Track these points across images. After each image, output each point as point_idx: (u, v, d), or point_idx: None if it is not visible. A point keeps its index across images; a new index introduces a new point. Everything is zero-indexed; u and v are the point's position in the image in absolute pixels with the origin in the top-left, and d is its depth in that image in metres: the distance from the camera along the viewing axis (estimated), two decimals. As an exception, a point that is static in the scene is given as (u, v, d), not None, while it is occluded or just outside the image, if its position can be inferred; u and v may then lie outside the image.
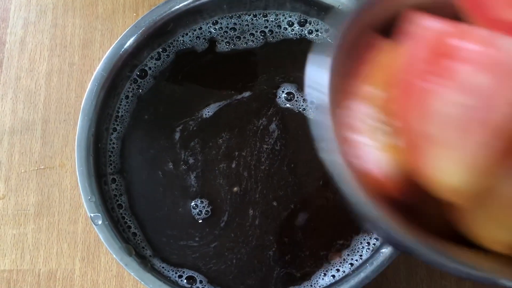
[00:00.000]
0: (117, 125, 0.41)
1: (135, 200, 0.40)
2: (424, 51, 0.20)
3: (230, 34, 0.42)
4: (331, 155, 0.21)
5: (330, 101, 0.22)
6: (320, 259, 0.38)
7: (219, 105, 0.41)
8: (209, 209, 0.39)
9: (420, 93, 0.20)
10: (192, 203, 0.39)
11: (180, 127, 0.40)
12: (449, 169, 0.20)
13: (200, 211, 0.39)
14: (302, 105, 0.40)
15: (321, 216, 0.39)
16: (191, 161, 0.40)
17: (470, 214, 0.23)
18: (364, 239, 0.38)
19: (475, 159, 0.20)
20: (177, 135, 0.40)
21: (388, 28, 0.24)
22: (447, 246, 0.23)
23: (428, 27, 0.20)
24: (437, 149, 0.20)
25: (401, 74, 0.21)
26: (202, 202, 0.39)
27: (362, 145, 0.22)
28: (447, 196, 0.21)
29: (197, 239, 0.38)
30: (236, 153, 0.40)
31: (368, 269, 0.36)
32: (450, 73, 0.19)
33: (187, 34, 0.42)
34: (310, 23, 0.42)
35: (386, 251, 0.36)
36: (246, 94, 0.41)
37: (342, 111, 0.23)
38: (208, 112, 0.41)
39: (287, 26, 0.42)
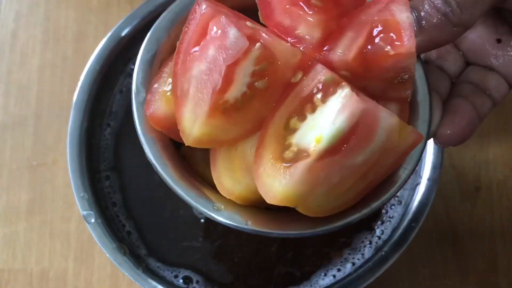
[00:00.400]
0: (111, 120, 0.40)
1: (130, 198, 0.39)
2: (195, 30, 0.27)
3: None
4: (135, 106, 0.30)
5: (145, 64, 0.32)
6: (321, 258, 0.37)
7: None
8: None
9: (187, 61, 0.27)
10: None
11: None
12: (187, 118, 0.27)
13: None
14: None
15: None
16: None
17: (217, 164, 0.29)
18: (366, 238, 0.37)
19: (201, 112, 0.26)
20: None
21: None
22: (203, 189, 0.30)
23: (202, 11, 0.26)
24: (186, 103, 0.27)
25: (181, 47, 0.28)
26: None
27: (154, 95, 0.30)
28: (185, 140, 0.27)
29: (200, 239, 0.38)
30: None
31: (370, 268, 0.35)
32: (203, 47, 0.26)
33: (183, 26, 0.41)
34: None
35: (388, 249, 0.35)
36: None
37: (158, 74, 0.31)
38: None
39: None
